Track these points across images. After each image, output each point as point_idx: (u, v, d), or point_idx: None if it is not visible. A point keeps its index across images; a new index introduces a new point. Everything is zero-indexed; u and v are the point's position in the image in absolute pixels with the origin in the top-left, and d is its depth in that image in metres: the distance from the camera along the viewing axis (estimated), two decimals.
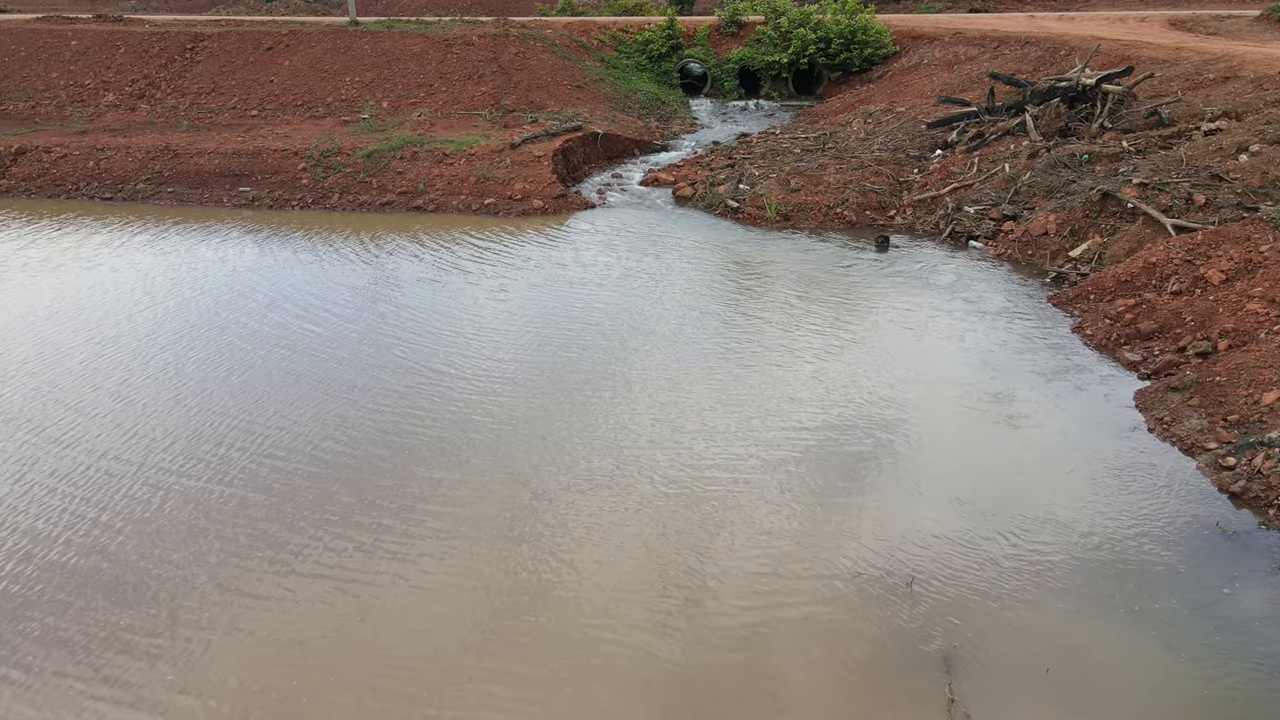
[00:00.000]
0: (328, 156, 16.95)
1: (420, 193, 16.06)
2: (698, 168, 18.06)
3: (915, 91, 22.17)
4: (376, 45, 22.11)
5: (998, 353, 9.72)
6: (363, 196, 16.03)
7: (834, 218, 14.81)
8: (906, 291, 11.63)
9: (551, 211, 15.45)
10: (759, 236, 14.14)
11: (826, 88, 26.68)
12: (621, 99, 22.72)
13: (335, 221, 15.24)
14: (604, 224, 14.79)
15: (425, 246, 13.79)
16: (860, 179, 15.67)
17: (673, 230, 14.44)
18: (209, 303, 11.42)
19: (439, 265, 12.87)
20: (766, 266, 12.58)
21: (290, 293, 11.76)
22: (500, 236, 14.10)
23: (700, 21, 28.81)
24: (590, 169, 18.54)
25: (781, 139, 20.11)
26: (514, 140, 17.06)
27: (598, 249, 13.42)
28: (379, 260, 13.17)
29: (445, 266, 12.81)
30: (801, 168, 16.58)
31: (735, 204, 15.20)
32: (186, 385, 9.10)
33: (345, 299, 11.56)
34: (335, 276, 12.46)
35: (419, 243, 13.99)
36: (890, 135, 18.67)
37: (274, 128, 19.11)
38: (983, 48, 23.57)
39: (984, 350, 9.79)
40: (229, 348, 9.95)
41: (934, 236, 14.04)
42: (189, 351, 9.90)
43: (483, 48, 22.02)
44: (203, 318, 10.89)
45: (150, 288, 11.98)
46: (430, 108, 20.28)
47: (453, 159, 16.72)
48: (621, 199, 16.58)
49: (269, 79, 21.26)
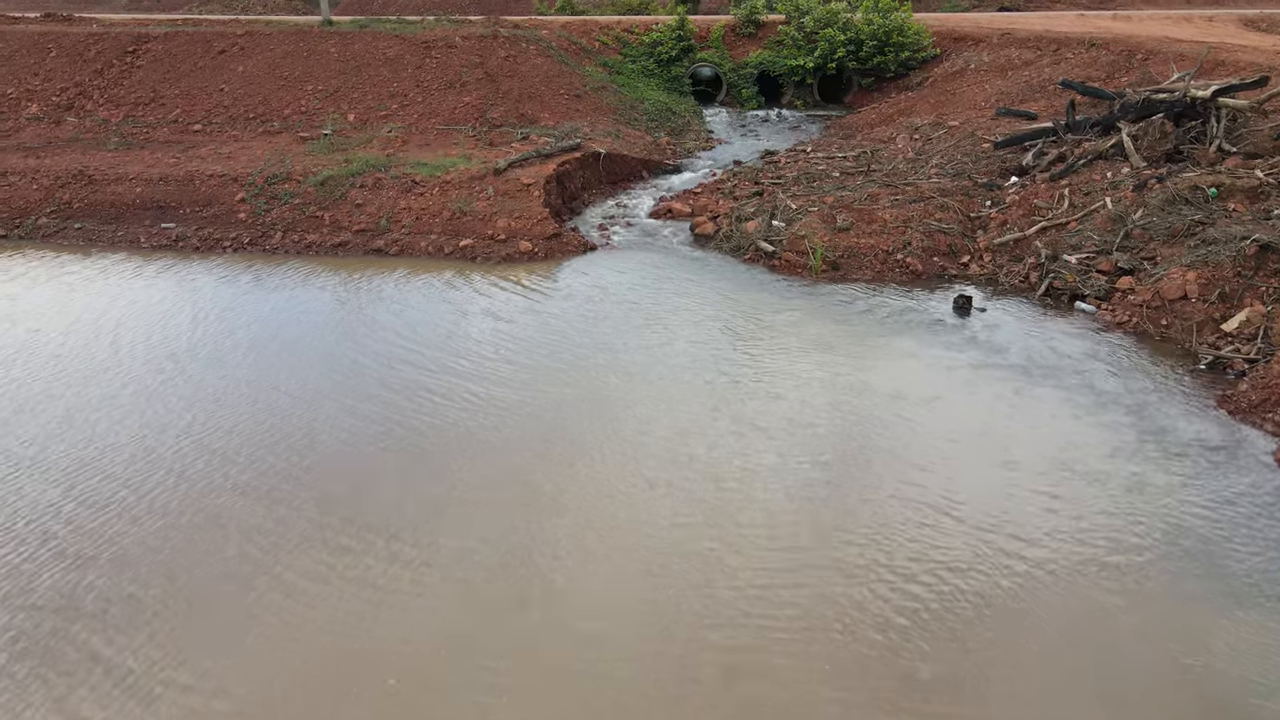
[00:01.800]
0: (273, 184, 14.01)
1: (382, 230, 13.12)
2: (719, 195, 15.11)
3: (966, 102, 19.21)
4: (344, 48, 19.17)
5: (1179, 519, 6.56)
6: (311, 235, 13.08)
7: (894, 266, 11.85)
8: (1011, 387, 8.59)
9: (542, 256, 12.49)
10: (803, 293, 11.17)
11: (856, 95, 23.72)
12: (627, 110, 19.77)
13: (256, 269, 12.23)
14: (608, 275, 11.81)
15: (354, 310, 10.85)
16: (923, 214, 12.71)
17: (695, 285, 11.46)
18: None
19: (353, 372, 9.23)
20: (825, 352, 9.49)
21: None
22: (472, 296, 11.06)
23: (713, 21, 25.87)
24: (590, 196, 15.60)
25: (815, 158, 17.16)
26: (498, 164, 14.11)
27: (599, 321, 10.27)
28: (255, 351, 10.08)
29: (365, 371, 9.79)
30: (846, 198, 13.62)
31: (770, 247, 12.25)
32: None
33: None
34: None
35: (348, 301, 11.05)
36: (947, 156, 15.71)
37: (218, 145, 16.18)
38: (1039, 51, 20.60)
39: (1153, 518, 6.59)
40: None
41: (1025, 293, 11.09)
42: None
43: (467, 51, 19.08)
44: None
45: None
46: (403, 121, 17.34)
47: (424, 187, 13.77)
48: (628, 237, 13.62)
49: (218, 87, 18.33)
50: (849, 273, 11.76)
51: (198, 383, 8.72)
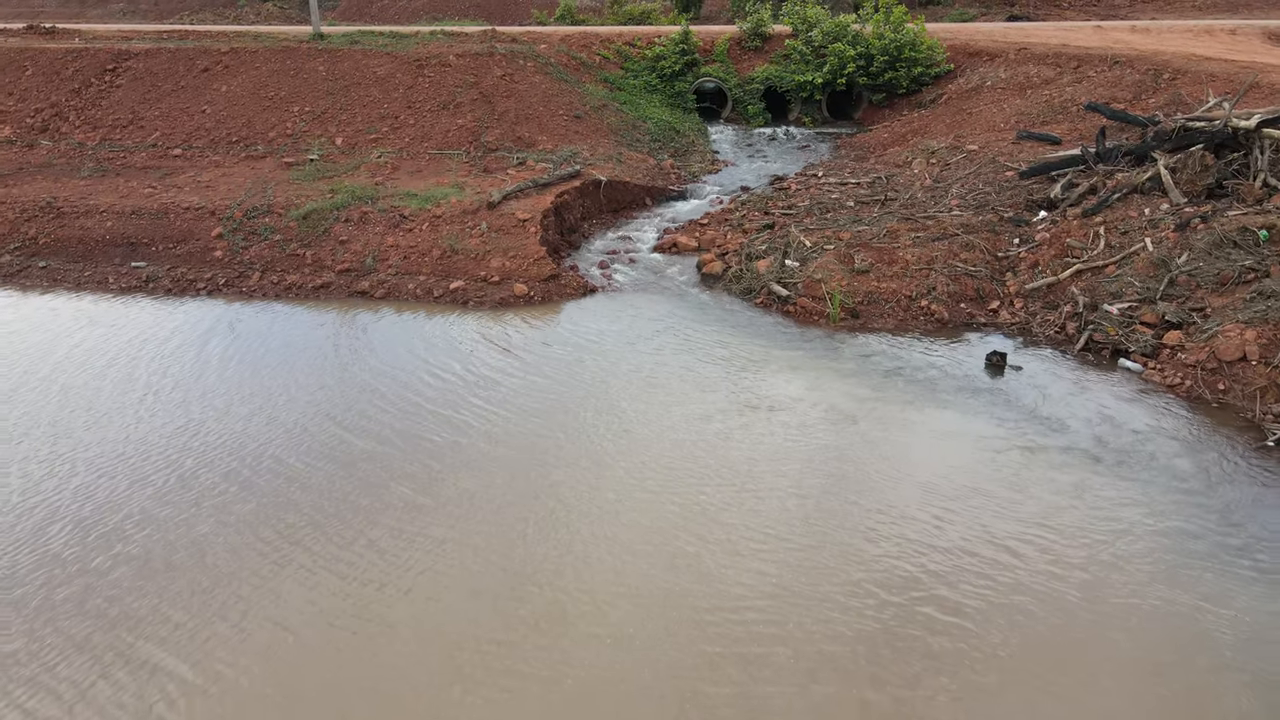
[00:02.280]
0: (253, 217, 13.16)
1: (368, 270, 12.26)
2: (727, 228, 14.25)
3: (983, 122, 18.35)
4: (333, 67, 18.33)
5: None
6: (291, 276, 12.22)
7: (918, 314, 10.99)
8: (1069, 480, 7.58)
9: (539, 300, 11.63)
10: (822, 349, 10.30)
11: (867, 112, 22.87)
12: (628, 130, 18.92)
13: (229, 316, 11.36)
14: (608, 326, 10.93)
15: (323, 379, 9.98)
16: (947, 255, 11.84)
17: (702, 337, 10.58)
18: None
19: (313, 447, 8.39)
20: (847, 429, 8.52)
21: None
22: (458, 355, 10.13)
23: (718, 33, 25.02)
24: (591, 227, 14.75)
25: (827, 184, 16.31)
26: (492, 197, 13.25)
27: (593, 393, 9.24)
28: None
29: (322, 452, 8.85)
30: (864, 234, 12.77)
31: (784, 291, 11.39)
32: None
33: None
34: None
35: (321, 367, 10.19)
36: (967, 184, 14.85)
37: (198, 172, 15.32)
38: (1059, 67, 19.75)
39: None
40: None
41: (1061, 345, 10.22)
42: None
43: (461, 70, 18.22)
44: None
45: None
46: (394, 145, 16.49)
47: (413, 222, 12.91)
48: (631, 275, 12.75)
49: (200, 108, 17.49)
50: (870, 321, 10.89)
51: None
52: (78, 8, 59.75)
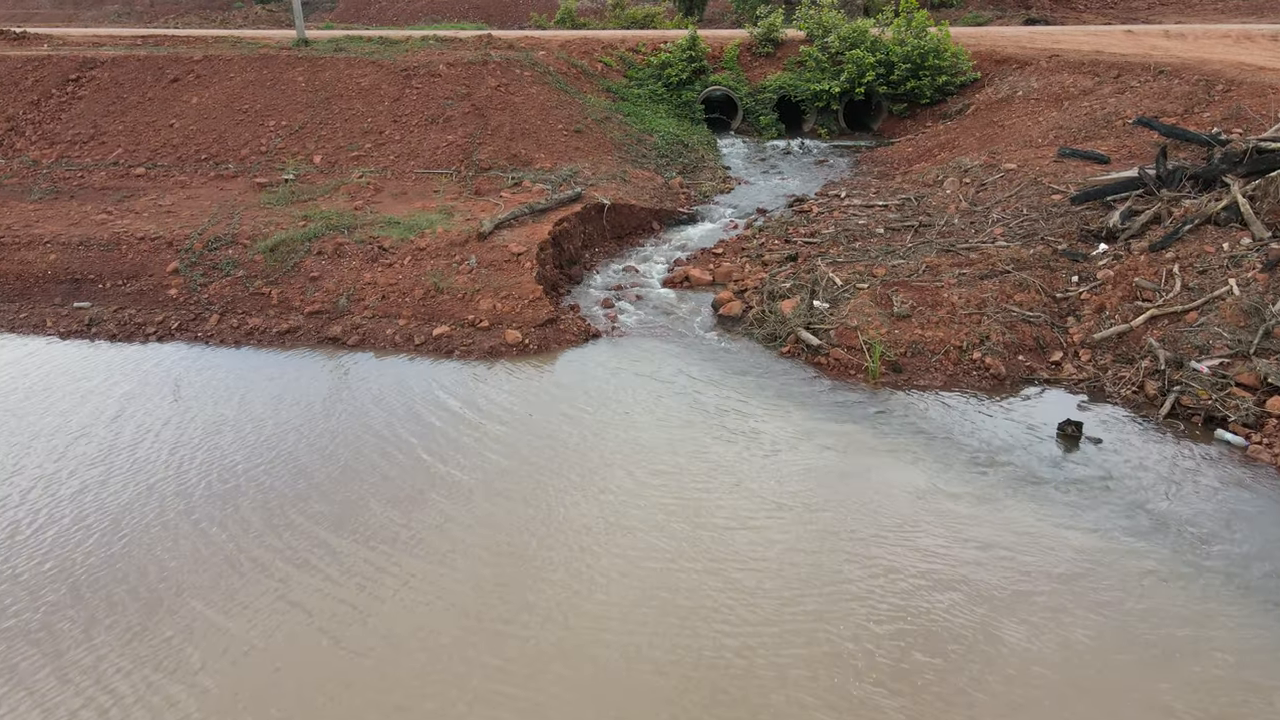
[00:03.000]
0: (215, 249, 11.74)
1: (341, 312, 10.83)
2: (745, 259, 12.82)
3: (1018, 136, 16.92)
4: (313, 77, 16.90)
5: None
6: (254, 318, 10.78)
7: (970, 368, 9.55)
8: (1200, 599, 6.22)
9: (534, 349, 10.19)
10: (861, 412, 8.86)
11: (887, 123, 21.44)
12: (633, 145, 17.50)
13: (177, 364, 9.95)
14: (611, 383, 9.48)
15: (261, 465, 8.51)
16: (999, 296, 10.41)
17: (720, 398, 9.13)
18: None
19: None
20: (902, 540, 6.99)
21: None
22: (424, 424, 8.60)
23: (727, 38, 23.60)
24: (593, 257, 13.32)
25: (851, 207, 14.88)
26: (483, 226, 11.82)
27: (587, 482, 7.72)
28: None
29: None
30: (900, 269, 11.34)
31: (815, 340, 9.95)
32: None
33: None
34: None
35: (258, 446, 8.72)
36: (1009, 209, 13.42)
37: (160, 194, 13.90)
38: (1097, 77, 18.31)
39: None
40: None
41: (1140, 408, 8.79)
42: None
43: (452, 80, 16.80)
44: None
45: None
46: (377, 164, 15.06)
47: (393, 256, 11.49)
48: (638, 316, 11.32)
49: (168, 122, 16.06)
50: (914, 376, 9.46)
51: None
52: (72, 9, 58.39)
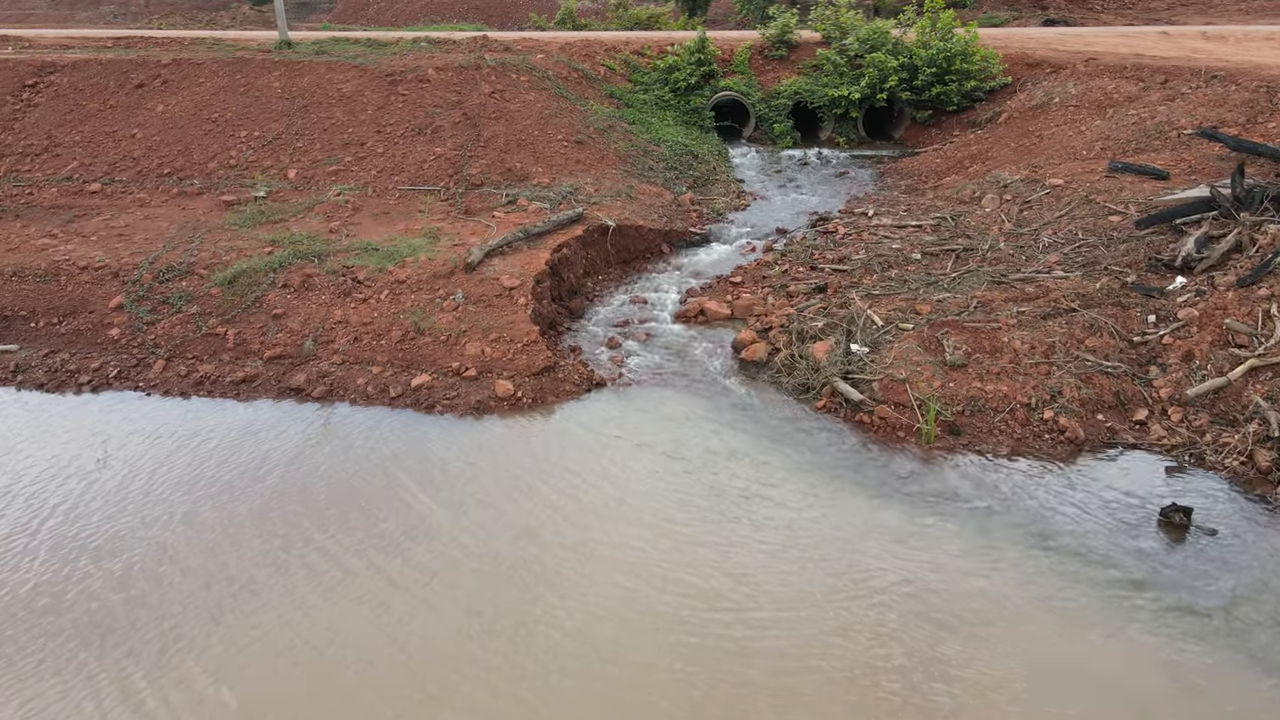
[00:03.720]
0: (166, 281, 10.32)
1: (306, 356, 9.41)
2: (767, 289, 11.39)
3: (1059, 148, 15.50)
4: (291, 83, 15.48)
5: None
6: (205, 365, 9.35)
7: (1040, 429, 8.11)
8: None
9: (529, 402, 8.76)
10: (918, 487, 7.44)
11: (909, 131, 20.02)
12: (639, 157, 16.07)
13: (108, 424, 8.53)
14: (613, 448, 8.06)
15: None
16: (1068, 340, 8.97)
17: (747, 473, 7.70)
18: None
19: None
20: (992, 704, 5.68)
21: None
22: (375, 519, 7.28)
23: (736, 40, 22.19)
24: (596, 286, 11.89)
25: (881, 227, 13.46)
26: (471, 255, 10.39)
27: (582, 608, 6.37)
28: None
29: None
30: (947, 305, 9.92)
31: (856, 394, 8.51)
32: None
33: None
34: None
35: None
36: (1061, 231, 12.00)
37: (115, 214, 12.49)
38: (1141, 82, 16.88)
39: None
40: None
41: (1252, 484, 7.36)
42: None
43: (442, 86, 15.38)
44: None
45: None
46: (358, 179, 13.64)
47: (369, 289, 10.07)
48: (648, 359, 9.89)
49: (130, 132, 14.65)
50: (975, 439, 8.03)
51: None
52: (67, 10, 57.16)
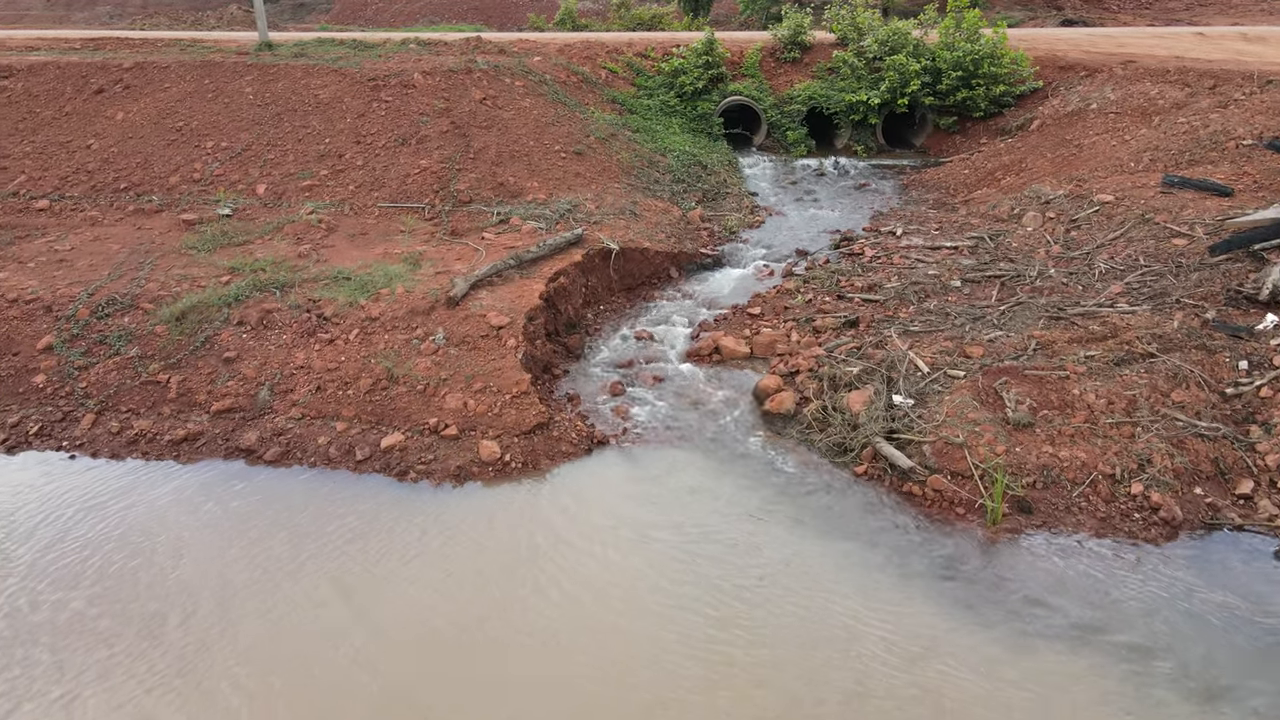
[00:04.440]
0: (105, 317, 9.01)
1: (260, 409, 8.10)
2: (790, 323, 10.07)
3: (1104, 159, 14.19)
4: (264, 88, 14.18)
5: None
6: (142, 420, 8.04)
7: (1127, 506, 6.80)
8: None
9: (518, 466, 7.45)
10: (986, 578, 6.14)
11: (932, 138, 18.72)
12: (644, 168, 14.76)
13: (11, 490, 7.23)
14: (614, 538, 6.74)
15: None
16: (1152, 393, 7.66)
17: (780, 568, 6.41)
18: None
19: None
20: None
21: None
22: (304, 642, 5.96)
23: (747, 41, 20.90)
24: (597, 318, 10.58)
25: (913, 248, 12.15)
26: (454, 288, 9.08)
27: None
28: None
29: None
30: (1000, 344, 8.61)
31: (905, 461, 7.20)
32: None
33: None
34: None
35: None
36: (1118, 255, 10.70)
37: (61, 235, 11.20)
38: (1187, 87, 15.57)
39: None
40: None
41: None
42: None
43: (429, 92, 14.07)
44: None
45: None
46: (334, 195, 12.34)
47: (336, 328, 8.76)
48: (656, 409, 8.57)
49: (86, 142, 13.35)
50: (1051, 518, 6.71)
51: None
52: (63, 11, 56.00)
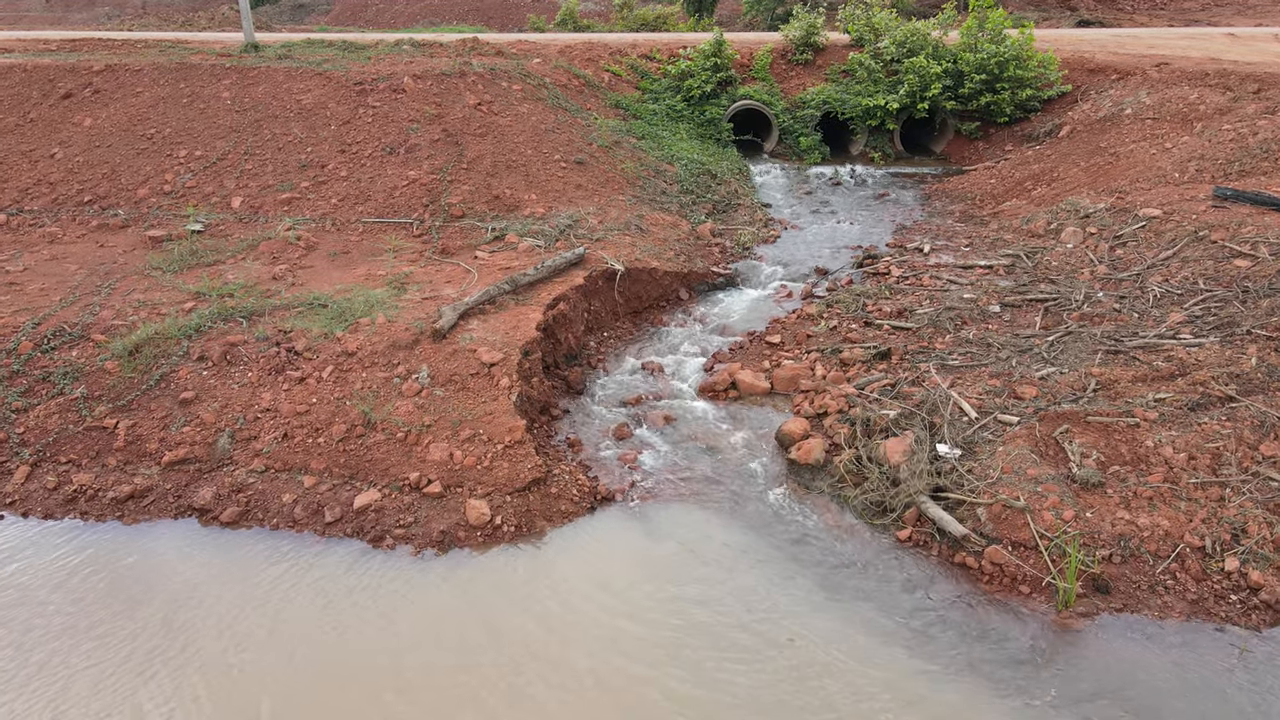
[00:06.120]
0: (51, 349, 8.05)
1: (219, 459, 7.13)
2: (815, 356, 9.09)
3: (1144, 169, 13.22)
4: (242, 93, 13.23)
5: None
6: (83, 473, 7.08)
7: (1220, 585, 5.82)
8: None
9: (511, 530, 6.48)
10: (1056, 675, 5.16)
11: (952, 144, 17.76)
12: (650, 178, 13.80)
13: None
14: (628, 621, 5.80)
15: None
16: (1239, 447, 6.68)
17: (817, 673, 5.45)
18: None
19: None
20: None
21: None
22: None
23: (756, 43, 19.95)
24: (600, 347, 9.61)
25: (943, 267, 11.18)
26: (440, 319, 8.11)
27: None
28: None
29: None
30: (1055, 383, 7.65)
31: (958, 528, 6.22)
32: None
33: None
34: None
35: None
36: (1173, 278, 9.72)
37: (18, 253, 10.26)
38: (1229, 91, 14.59)
39: None
40: None
41: None
42: None
43: (420, 97, 13.11)
44: None
45: None
46: (315, 210, 11.39)
47: (308, 364, 7.80)
48: (668, 460, 7.59)
49: (50, 151, 12.41)
50: (1132, 600, 5.74)
51: None
52: (61, 11, 55.35)
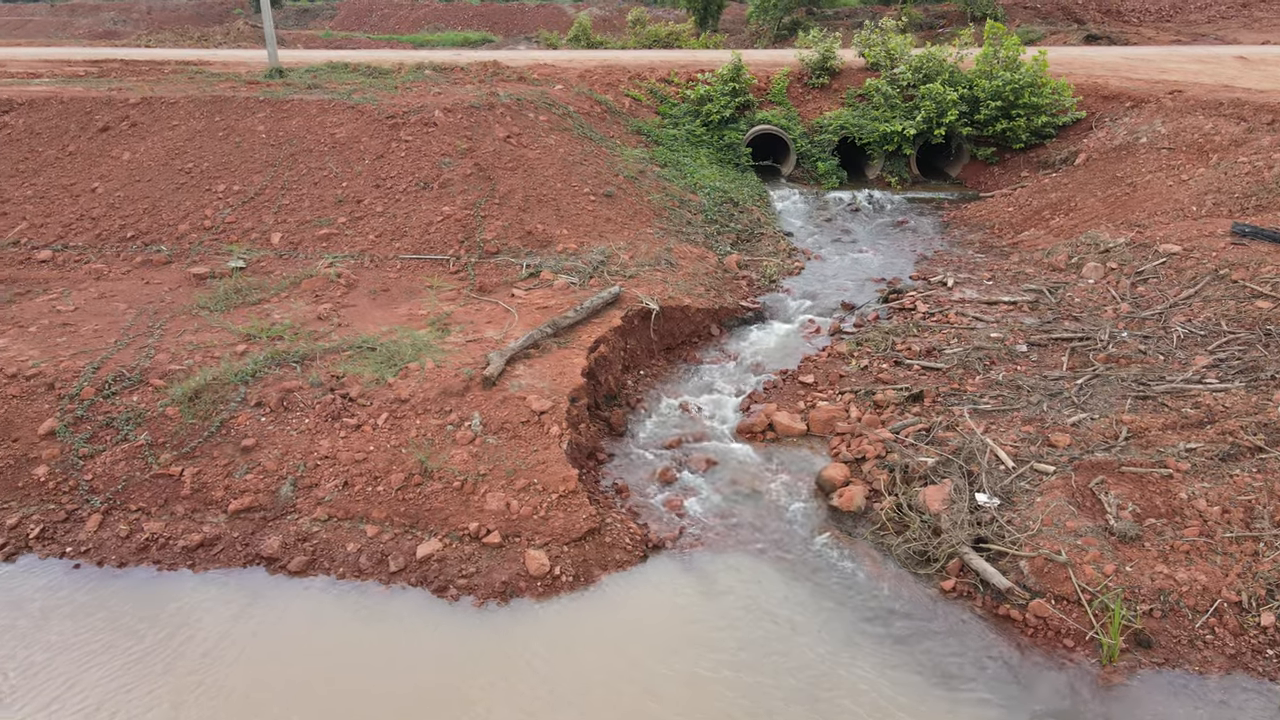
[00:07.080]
0: (112, 395, 8.29)
1: (282, 507, 7.38)
2: (849, 397, 9.34)
3: (1161, 201, 13.47)
4: (277, 126, 13.48)
5: None
6: (153, 522, 7.32)
7: (1258, 640, 6.06)
8: None
9: (569, 580, 6.72)
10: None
11: (968, 169, 18.02)
12: (676, 209, 14.05)
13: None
14: (681, 675, 6.04)
15: None
16: (1268, 496, 6.92)
17: (878, 711, 5.70)
18: None
19: None
20: None
21: None
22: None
23: (772, 65, 20.20)
24: (637, 385, 9.86)
25: (968, 303, 11.43)
26: (489, 365, 8.36)
27: None
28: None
29: None
30: (1087, 430, 7.89)
31: (1002, 582, 6.47)
32: None
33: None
34: None
35: None
36: (1195, 318, 9.97)
37: (67, 291, 10.50)
38: (1244, 121, 14.82)
39: None
40: None
41: None
42: None
43: (451, 131, 13.36)
44: None
45: None
46: (352, 246, 11.64)
47: (363, 410, 8.05)
48: (713, 505, 7.83)
49: (90, 185, 12.66)
50: (1174, 655, 5.98)
51: None
52: (66, 17, 55.63)
